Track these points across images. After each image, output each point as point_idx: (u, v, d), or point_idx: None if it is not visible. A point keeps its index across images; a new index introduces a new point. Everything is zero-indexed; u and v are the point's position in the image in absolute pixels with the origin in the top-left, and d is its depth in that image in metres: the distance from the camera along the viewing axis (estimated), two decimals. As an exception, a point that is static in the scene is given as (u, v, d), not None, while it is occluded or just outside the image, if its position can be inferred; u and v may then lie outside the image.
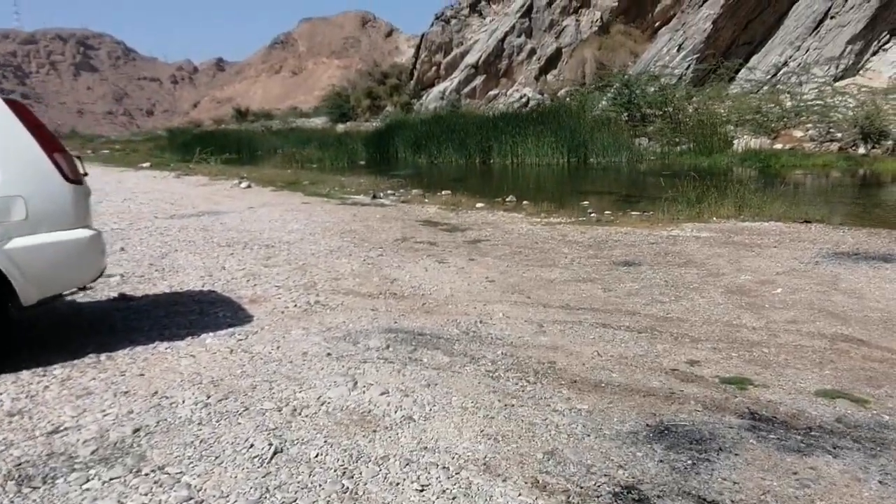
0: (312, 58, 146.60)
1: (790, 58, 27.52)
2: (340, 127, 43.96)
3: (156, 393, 3.36)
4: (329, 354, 3.96)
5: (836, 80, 24.54)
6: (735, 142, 20.02)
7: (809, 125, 20.13)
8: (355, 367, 3.74)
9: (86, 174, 4.23)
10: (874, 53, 25.92)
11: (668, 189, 11.33)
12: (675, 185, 11.59)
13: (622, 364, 3.84)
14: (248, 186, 15.38)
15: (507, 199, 12.44)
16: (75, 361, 3.82)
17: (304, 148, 29.25)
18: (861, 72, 25.25)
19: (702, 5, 31.78)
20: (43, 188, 3.70)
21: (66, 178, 3.82)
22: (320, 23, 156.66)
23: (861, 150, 17.85)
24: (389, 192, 14.33)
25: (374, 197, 13.42)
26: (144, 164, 27.27)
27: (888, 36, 25.86)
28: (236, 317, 4.66)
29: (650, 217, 9.55)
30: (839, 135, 18.97)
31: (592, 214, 10.17)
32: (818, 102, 21.11)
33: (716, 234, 8.05)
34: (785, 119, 21.02)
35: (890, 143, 17.52)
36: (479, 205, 11.60)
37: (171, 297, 5.28)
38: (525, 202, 11.97)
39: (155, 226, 9.08)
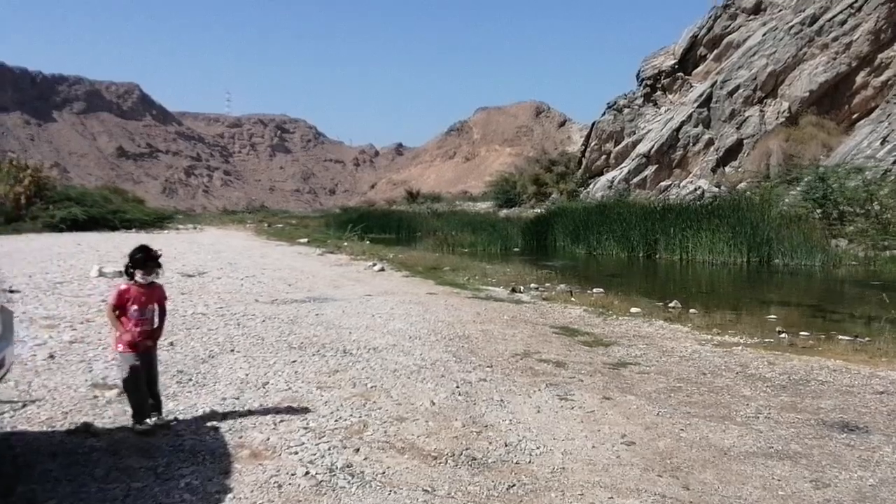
0: (486, 145, 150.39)
1: None
2: (504, 212, 43.29)
3: None
4: None
5: None
6: (966, 249, 16.38)
7: None
8: None
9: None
10: None
11: (890, 306, 8.68)
12: (893, 302, 8.94)
13: None
14: (381, 270, 14.27)
15: (670, 305, 10.24)
16: None
17: (461, 231, 28.36)
18: None
19: (912, 94, 28.21)
20: None
21: None
22: (495, 112, 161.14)
23: None
24: (533, 285, 12.58)
25: (513, 291, 11.72)
26: (302, 240, 27.60)
27: None
28: (203, 490, 3.01)
29: (867, 346, 7.04)
30: None
31: (783, 335, 7.78)
32: None
33: (980, 384, 5.51)
34: None
35: None
36: (634, 309, 9.53)
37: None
38: (693, 310, 9.73)
39: (243, 312, 7.93)
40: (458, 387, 4.92)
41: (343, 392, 4.64)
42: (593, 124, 46.44)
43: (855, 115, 33.34)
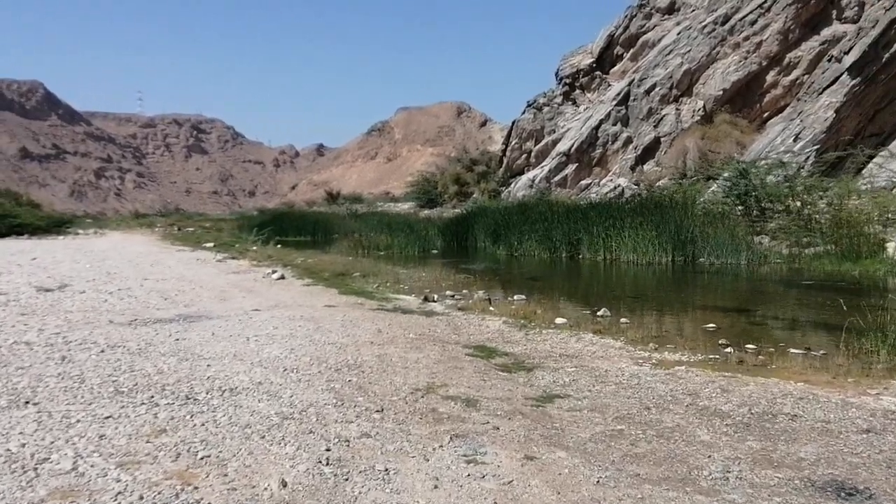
0: (407, 145, 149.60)
1: (932, 150, 23.83)
2: (425, 212, 42.44)
3: None
4: None
5: None
6: (890, 245, 16.09)
7: None
8: None
9: None
10: None
11: (830, 307, 7.87)
12: (832, 303, 8.12)
13: None
14: (281, 278, 12.78)
15: (599, 314, 9.22)
16: None
17: (379, 233, 26.98)
18: None
19: (822, 93, 28.56)
20: None
21: None
22: (416, 112, 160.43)
23: None
24: (448, 293, 11.38)
25: (426, 300, 10.48)
26: (208, 244, 25.72)
27: None
28: None
29: (825, 362, 6.12)
30: None
31: (728, 349, 6.81)
32: None
33: (971, 411, 4.58)
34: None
35: None
36: (559, 320, 8.43)
37: None
38: (623, 319, 8.71)
39: (82, 339, 6.37)
40: (328, 449, 3.60)
41: (155, 471, 3.24)
42: (513, 123, 45.96)
43: (766, 114, 33.93)
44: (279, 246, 23.91)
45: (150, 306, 8.73)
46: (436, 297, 10.81)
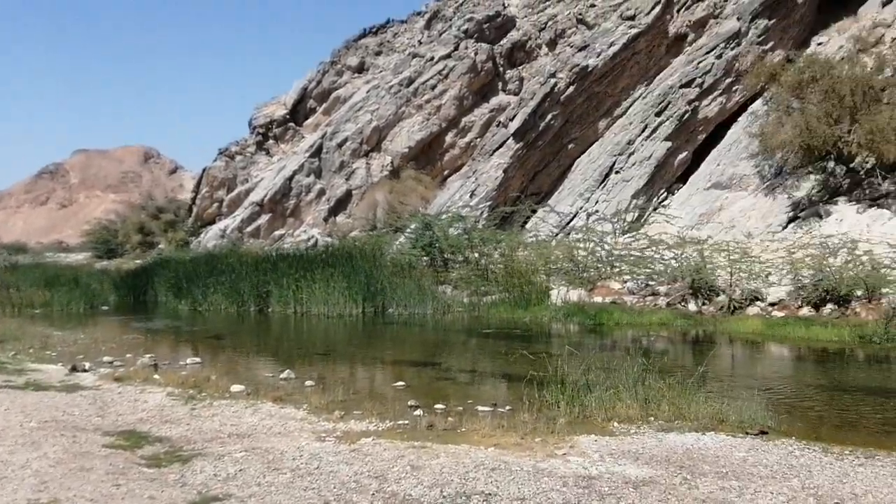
0: (85, 190, 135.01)
1: (580, 209, 27.42)
2: (102, 264, 38.13)
3: None
4: None
5: (624, 232, 24.21)
6: (553, 293, 17.60)
7: (627, 277, 18.35)
8: None
9: None
10: (655, 209, 26.46)
11: (511, 358, 7.92)
12: (512, 352, 8.23)
13: None
14: None
15: (283, 376, 8.29)
16: None
17: (39, 287, 22.98)
18: (647, 224, 25.24)
19: (492, 155, 31.44)
20: None
21: None
22: (97, 155, 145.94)
23: (692, 307, 16.00)
24: (107, 359, 9.62)
25: (74, 369, 8.64)
26: None
27: (665, 193, 26.65)
28: None
29: (512, 421, 5.87)
30: (661, 289, 17.21)
31: (417, 412, 6.33)
32: (633, 253, 19.57)
33: (651, 466, 4.52)
34: (599, 268, 19.19)
35: (723, 299, 15.82)
36: (235, 388, 7.34)
37: None
38: (309, 381, 7.88)
39: None
40: None
41: None
42: (204, 170, 43.66)
43: (447, 171, 36.39)
44: None
45: None
46: (88, 365, 9.00)
